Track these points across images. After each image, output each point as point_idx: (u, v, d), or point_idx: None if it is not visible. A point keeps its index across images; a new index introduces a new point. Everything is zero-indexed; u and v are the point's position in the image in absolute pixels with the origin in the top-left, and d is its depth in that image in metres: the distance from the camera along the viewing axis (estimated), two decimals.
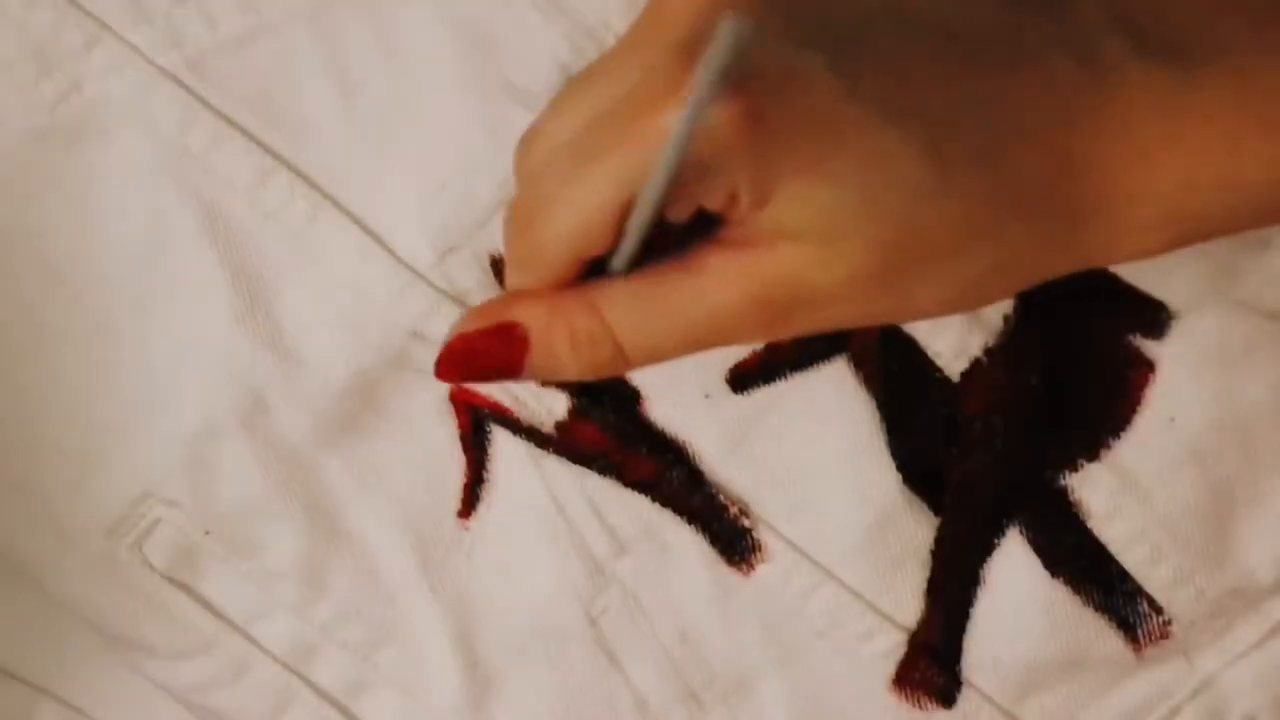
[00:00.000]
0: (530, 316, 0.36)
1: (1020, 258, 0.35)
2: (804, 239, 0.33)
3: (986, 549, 0.44)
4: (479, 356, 0.37)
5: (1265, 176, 0.34)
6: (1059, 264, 0.36)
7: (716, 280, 0.34)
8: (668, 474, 0.44)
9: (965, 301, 0.36)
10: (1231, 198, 0.35)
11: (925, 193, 0.33)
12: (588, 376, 0.36)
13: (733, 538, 0.44)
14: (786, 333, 0.35)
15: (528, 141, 0.36)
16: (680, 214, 0.34)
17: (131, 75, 0.42)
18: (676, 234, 0.35)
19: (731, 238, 0.34)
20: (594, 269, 0.36)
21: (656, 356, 0.36)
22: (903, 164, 0.33)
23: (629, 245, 0.34)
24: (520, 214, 0.36)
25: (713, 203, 0.34)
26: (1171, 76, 0.34)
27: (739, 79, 0.31)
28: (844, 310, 0.35)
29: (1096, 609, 0.44)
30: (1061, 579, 0.44)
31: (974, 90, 0.33)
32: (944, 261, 0.34)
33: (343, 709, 0.45)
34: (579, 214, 0.34)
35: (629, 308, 0.35)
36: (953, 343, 0.42)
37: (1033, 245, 0.35)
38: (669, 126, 0.31)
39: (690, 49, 0.32)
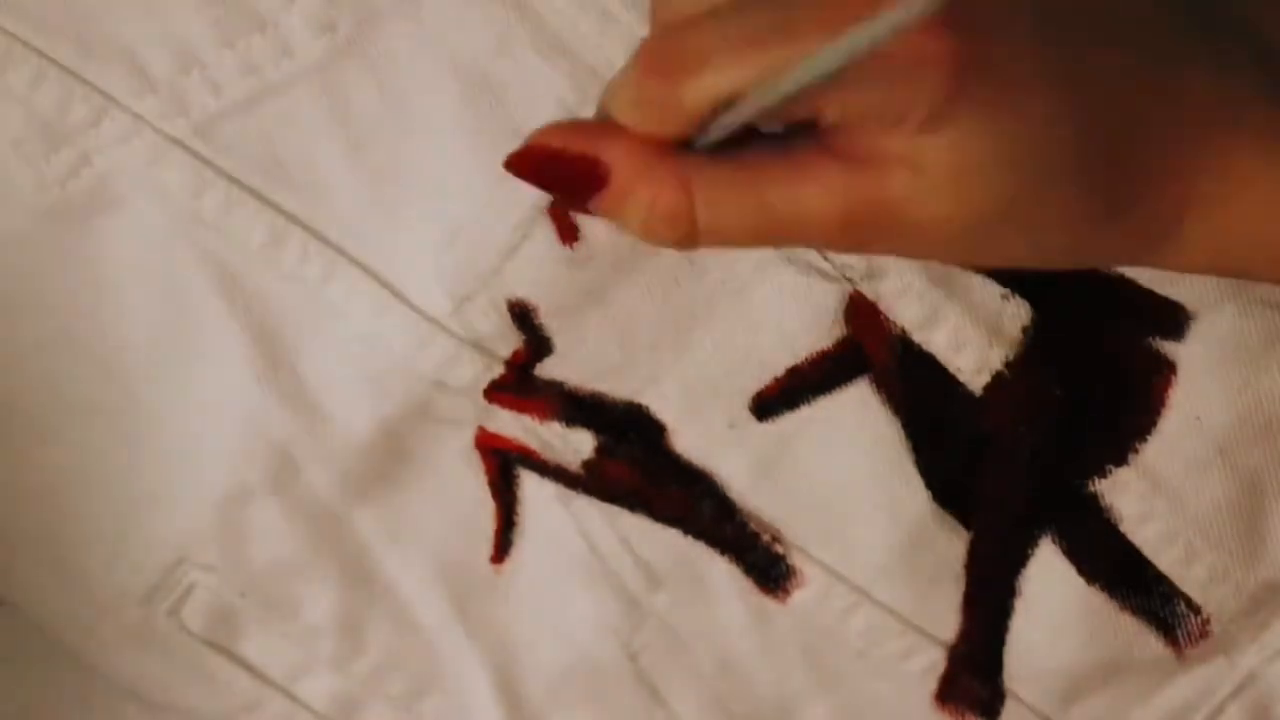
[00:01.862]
0: (621, 164, 0.34)
1: (1095, 245, 0.35)
2: (922, 173, 0.32)
3: (1020, 560, 0.44)
4: (554, 172, 0.35)
5: None
6: (1118, 259, 0.36)
7: (820, 187, 0.33)
8: (698, 506, 0.44)
9: (1022, 263, 0.36)
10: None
11: (1061, 169, 0.33)
12: (645, 240, 0.35)
13: (767, 565, 0.44)
14: (854, 250, 0.35)
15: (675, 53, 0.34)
16: (824, 115, 0.33)
17: (140, 145, 0.42)
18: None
19: (842, 147, 0.33)
20: None
21: (725, 244, 0.35)
22: (1059, 136, 0.33)
23: (741, 119, 0.33)
24: (662, 58, 0.33)
25: (870, 110, 0.32)
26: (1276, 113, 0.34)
27: (959, 9, 0.31)
28: (919, 246, 0.34)
29: (1134, 613, 0.44)
30: (1097, 585, 0.44)
31: (1130, 85, 0.33)
32: (1035, 231, 0.34)
33: None
34: (738, 84, 0.32)
35: (722, 194, 0.34)
36: (974, 358, 0.42)
37: (1110, 238, 0.35)
38: (871, 20, 0.29)
39: None
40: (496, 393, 0.43)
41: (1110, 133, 0.33)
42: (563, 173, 0.34)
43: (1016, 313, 0.42)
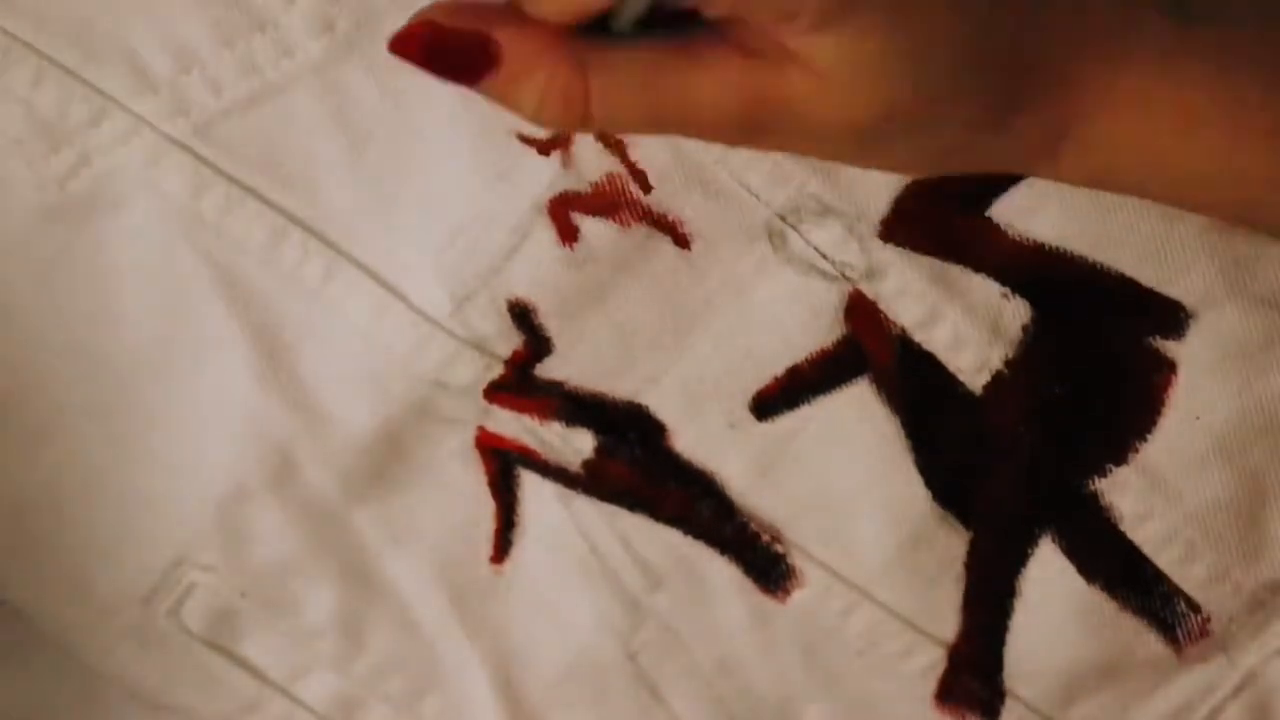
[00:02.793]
0: (512, 45, 0.33)
1: (983, 149, 0.35)
2: (819, 72, 0.32)
3: (1020, 559, 0.44)
4: (440, 52, 0.34)
5: (1204, 168, 0.35)
6: (1005, 165, 0.36)
7: (716, 80, 0.33)
8: (697, 506, 0.44)
9: (910, 168, 0.36)
10: (1169, 172, 0.35)
11: (955, 68, 0.33)
12: (535, 123, 0.34)
13: (766, 565, 0.44)
14: (747, 145, 0.35)
15: None
16: (717, 5, 0.33)
17: (140, 145, 0.42)
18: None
19: (741, 40, 0.33)
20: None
21: (620, 129, 0.35)
22: (955, 36, 0.33)
23: (642, 4, 0.33)
24: None
25: (763, 11, 0.32)
26: (1176, 34, 0.34)
27: None
28: (813, 145, 0.34)
29: (1134, 612, 0.44)
30: (1097, 584, 0.44)
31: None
32: (929, 133, 0.34)
33: None
34: None
35: (616, 77, 0.33)
36: (973, 357, 0.42)
37: (999, 142, 0.35)
38: None
39: None
40: (496, 393, 0.43)
41: (1006, 34, 0.33)
42: (451, 53, 0.34)
43: (1016, 312, 0.42)
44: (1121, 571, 0.44)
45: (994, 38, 0.33)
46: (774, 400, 0.43)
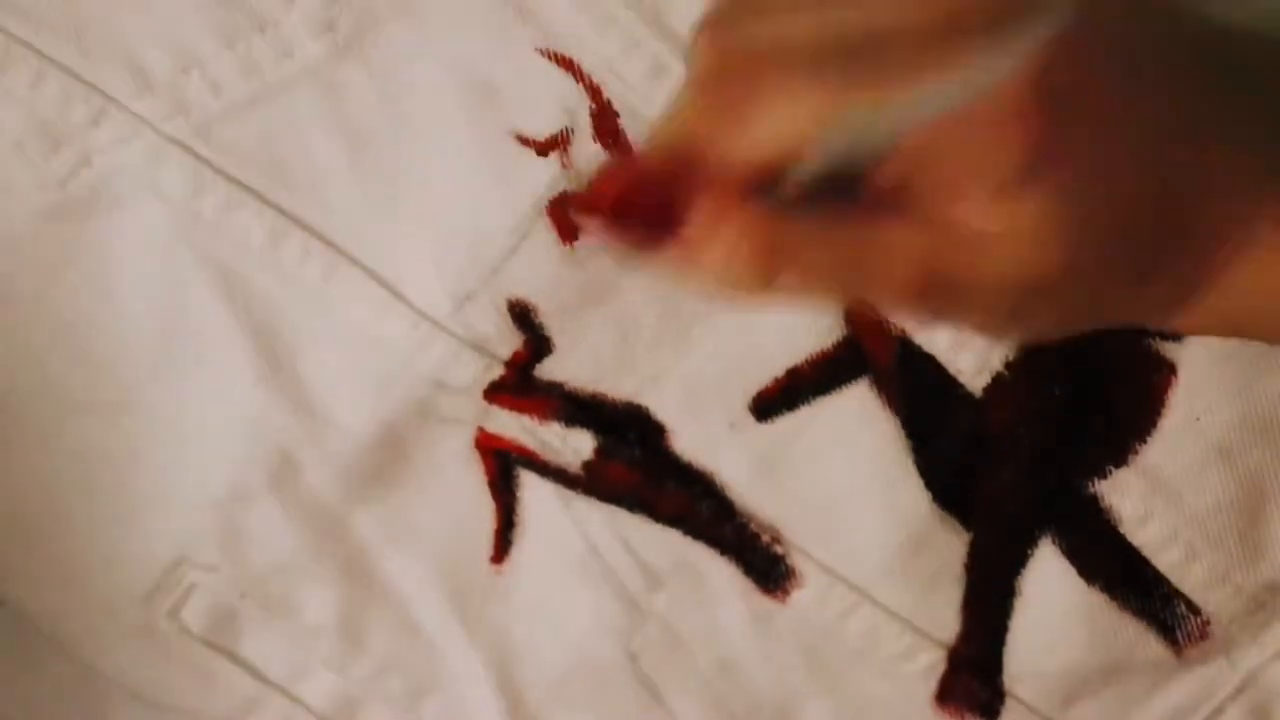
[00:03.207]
0: (699, 208, 0.32)
1: (1119, 307, 0.35)
2: (1002, 240, 0.32)
3: (1020, 560, 0.44)
4: (630, 220, 0.33)
5: None
6: (1135, 320, 0.36)
7: (898, 246, 0.32)
8: (697, 506, 0.44)
9: (1045, 332, 0.35)
10: None
11: (1109, 236, 0.33)
12: (718, 286, 0.33)
13: (766, 566, 0.44)
14: (917, 313, 0.34)
15: (733, 19, 0.32)
16: (894, 175, 0.32)
17: (140, 145, 0.42)
18: None
19: (925, 211, 0.33)
20: None
21: (797, 291, 0.33)
22: (1114, 207, 0.32)
23: (824, 169, 0.32)
24: (728, 81, 0.32)
25: (942, 178, 0.32)
26: None
27: (1041, 68, 0.30)
28: (971, 311, 0.34)
29: (1134, 614, 0.44)
30: (1097, 586, 0.44)
31: (1174, 152, 0.33)
32: (1073, 294, 0.34)
33: None
34: (803, 132, 0.31)
35: (806, 241, 0.32)
36: (974, 358, 0.42)
37: (1135, 300, 0.35)
38: (954, 76, 0.29)
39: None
40: (496, 393, 0.43)
41: (1153, 199, 0.33)
42: (641, 219, 0.32)
43: None
44: (1121, 573, 0.44)
45: (1143, 202, 0.33)
46: (774, 401, 0.43)
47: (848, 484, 0.43)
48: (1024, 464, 0.43)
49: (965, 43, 0.30)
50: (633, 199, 0.32)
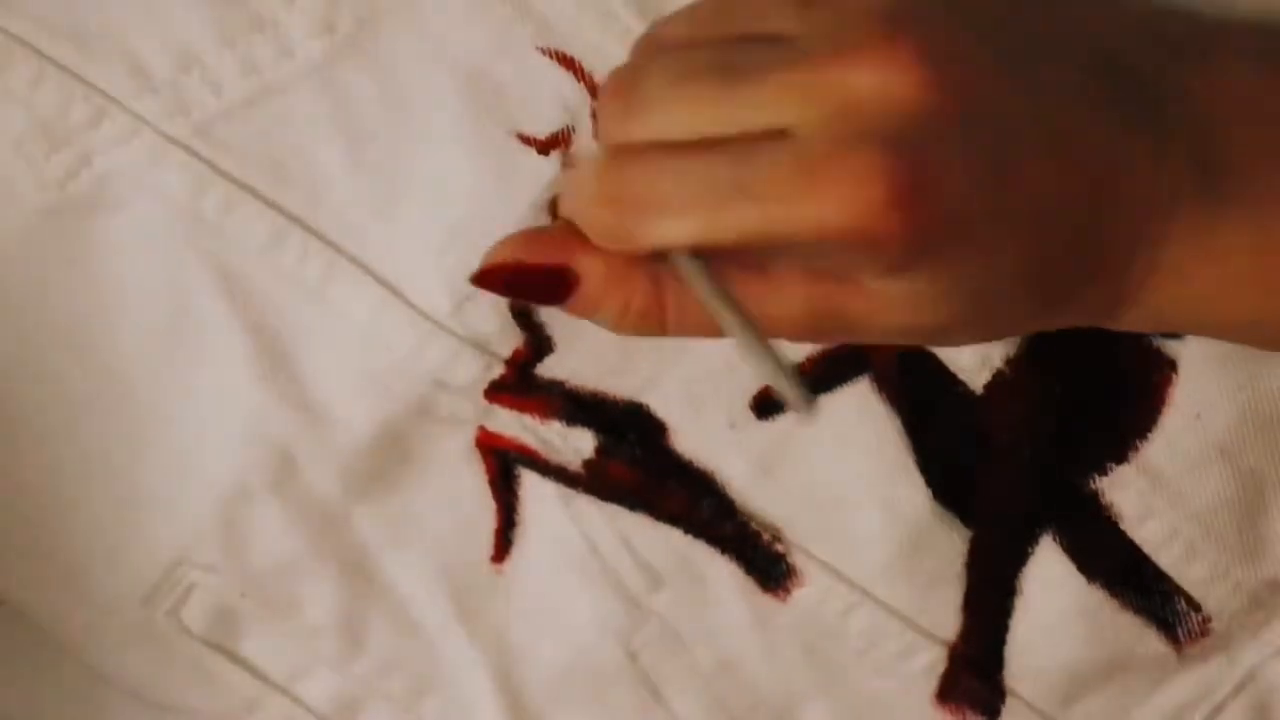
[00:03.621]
0: (591, 272, 0.35)
1: (1053, 323, 0.37)
2: (883, 302, 0.34)
3: (1021, 558, 0.44)
4: (523, 285, 0.36)
5: (1245, 318, 0.36)
6: (1078, 324, 0.37)
7: (787, 298, 0.34)
8: (698, 505, 0.44)
9: (980, 342, 0.39)
10: (1215, 324, 0.37)
11: (1005, 286, 0.34)
12: (617, 332, 0.36)
13: (767, 564, 0.44)
14: (813, 341, 0.38)
15: (633, 99, 0.34)
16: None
17: (140, 145, 0.42)
18: None
19: (811, 265, 0.34)
20: None
21: (693, 333, 0.36)
22: (1004, 263, 0.33)
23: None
24: (621, 192, 0.33)
25: (826, 269, 0.34)
26: (1209, 210, 0.35)
27: (906, 159, 0.31)
28: (888, 341, 0.36)
29: (1135, 611, 0.44)
30: (1098, 583, 0.44)
31: (1072, 193, 0.34)
32: (990, 328, 0.36)
33: None
34: (695, 238, 0.32)
35: (690, 297, 0.34)
36: (974, 356, 0.42)
37: (1069, 318, 0.36)
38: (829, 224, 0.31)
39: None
40: (497, 392, 0.43)
41: (1052, 245, 0.34)
42: (532, 284, 0.36)
43: None
44: (1122, 570, 0.44)
45: (1037, 251, 0.34)
46: (775, 400, 0.43)
47: (848, 482, 0.43)
48: (1024, 461, 0.43)
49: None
50: (526, 270, 0.35)
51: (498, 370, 0.43)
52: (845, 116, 0.31)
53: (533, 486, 0.44)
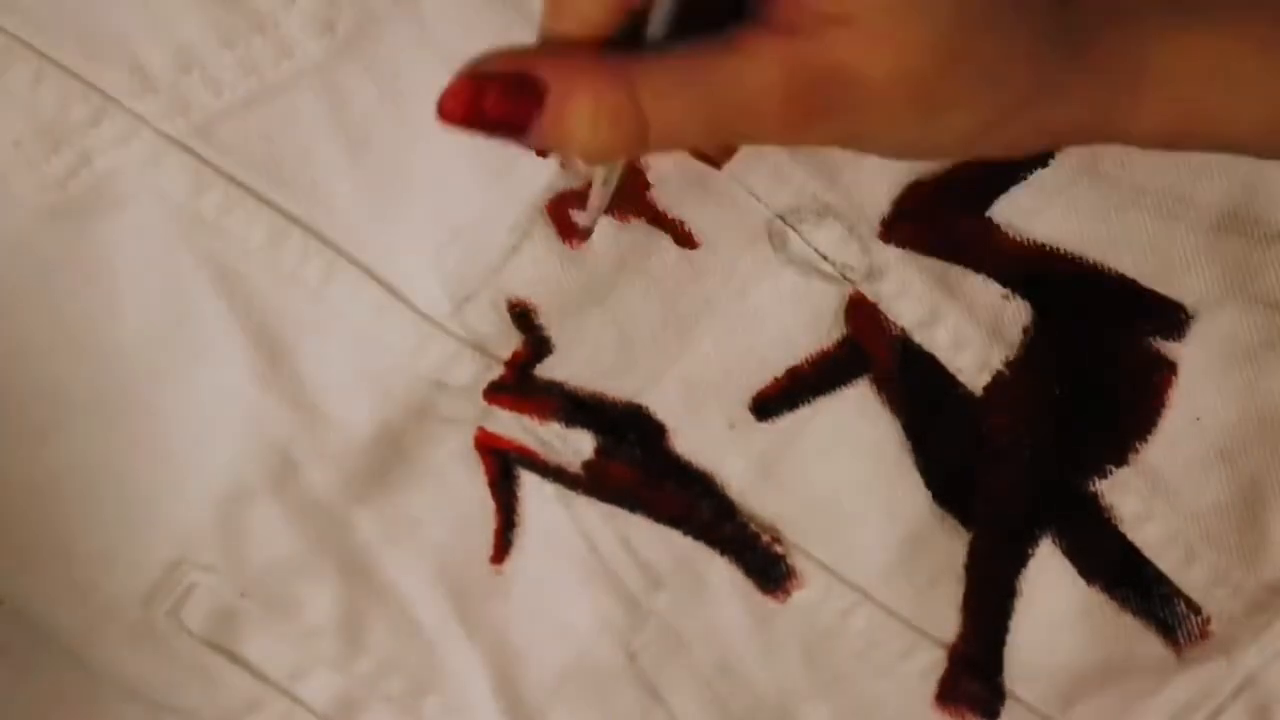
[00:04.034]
0: (553, 74, 0.32)
1: (1055, 108, 0.34)
2: (858, 24, 0.31)
3: (1020, 560, 0.44)
4: (486, 103, 0.33)
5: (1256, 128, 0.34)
6: (1095, 123, 0.35)
7: (759, 63, 0.32)
8: (697, 506, 0.44)
9: (984, 142, 0.34)
10: (1233, 112, 0.35)
11: (999, 14, 0.32)
12: (595, 158, 0.33)
13: (766, 566, 0.44)
14: (812, 132, 0.33)
15: None
16: None
17: (140, 145, 0.42)
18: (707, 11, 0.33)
19: (778, 20, 0.32)
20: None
21: (677, 141, 0.33)
22: None
23: (672, 5, 0.32)
24: None
25: None
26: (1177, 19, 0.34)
27: None
28: (875, 118, 0.33)
29: (1134, 613, 0.44)
30: (1097, 585, 0.44)
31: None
32: (985, 87, 0.33)
33: None
34: None
35: (664, 84, 0.32)
36: (974, 358, 0.42)
37: (1080, 89, 0.34)
38: None
39: None
40: (496, 393, 0.43)
41: None
42: (496, 99, 0.33)
43: (1017, 312, 0.42)
44: (1121, 572, 0.44)
45: None
46: (774, 401, 0.43)
47: (848, 483, 0.43)
48: (1024, 463, 0.43)
49: None
50: (488, 81, 0.33)
51: (497, 371, 0.43)
52: None
53: (532, 487, 0.44)
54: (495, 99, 0.33)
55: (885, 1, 0.31)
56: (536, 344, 0.43)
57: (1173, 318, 0.42)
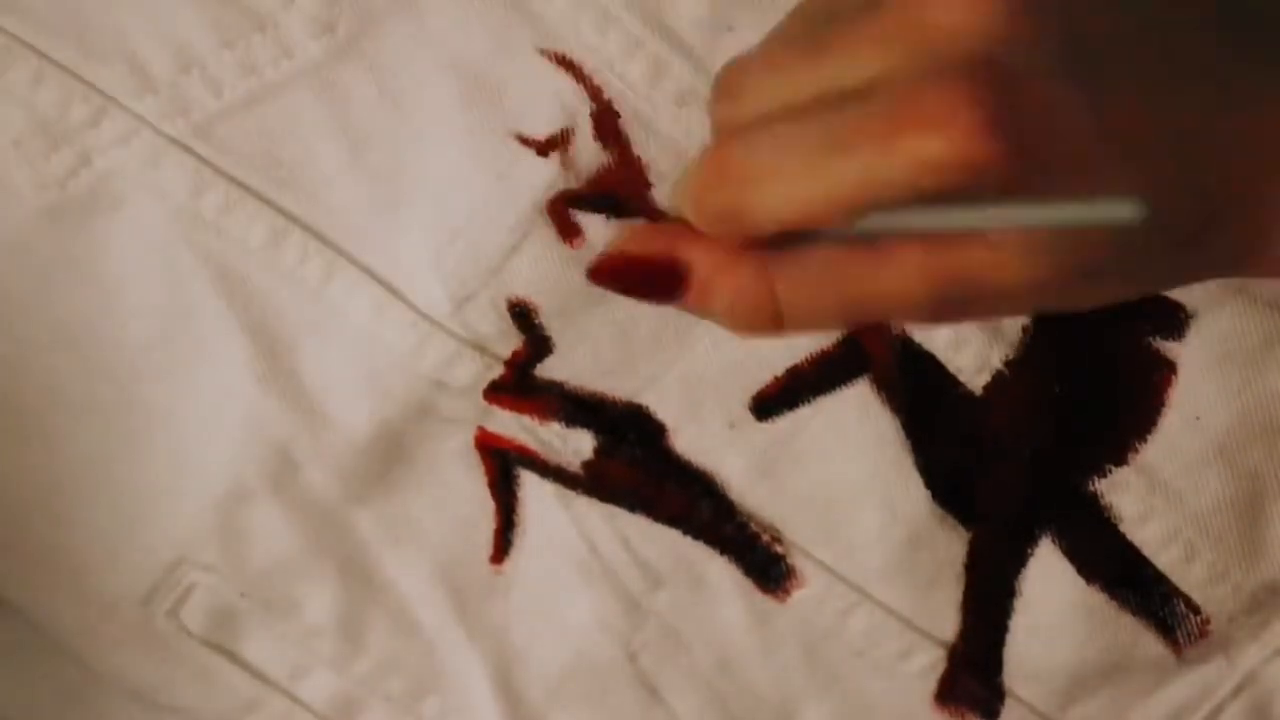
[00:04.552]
0: (699, 263, 0.34)
1: (1180, 274, 0.35)
2: (1004, 248, 0.32)
3: (1020, 559, 0.44)
4: (636, 279, 0.35)
5: None
6: (1207, 278, 0.36)
7: (901, 271, 0.32)
8: (697, 506, 0.44)
9: (1120, 296, 0.35)
10: None
11: (1133, 225, 0.32)
12: (734, 331, 0.35)
13: (766, 565, 0.44)
14: (949, 322, 0.36)
15: (734, 86, 0.34)
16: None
17: (140, 145, 0.42)
18: None
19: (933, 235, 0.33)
20: None
21: (811, 328, 0.35)
22: (1122, 193, 0.31)
23: (844, 235, 0.33)
24: (724, 171, 0.33)
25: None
26: None
27: (1008, 113, 0.30)
28: (1014, 307, 0.34)
29: (1134, 613, 0.44)
30: (1097, 585, 0.44)
31: (1198, 118, 0.33)
32: (1119, 274, 0.34)
33: None
34: (803, 205, 0.32)
35: (803, 285, 0.34)
36: (974, 357, 0.42)
37: (1193, 268, 0.35)
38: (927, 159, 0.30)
39: (962, 82, 0.30)
40: (496, 393, 0.43)
41: (1171, 177, 0.33)
42: (646, 277, 0.35)
43: None
44: (1121, 572, 0.44)
45: (1166, 185, 0.32)
46: (774, 400, 0.43)
47: (848, 483, 0.43)
48: (1024, 463, 0.43)
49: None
50: (639, 262, 0.35)
51: (497, 371, 0.43)
52: (933, 54, 0.31)
53: (532, 487, 0.44)
54: (643, 281, 0.35)
55: (1023, 234, 0.32)
56: (537, 344, 0.43)
57: (1172, 317, 0.42)
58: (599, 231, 0.42)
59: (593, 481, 0.44)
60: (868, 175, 0.31)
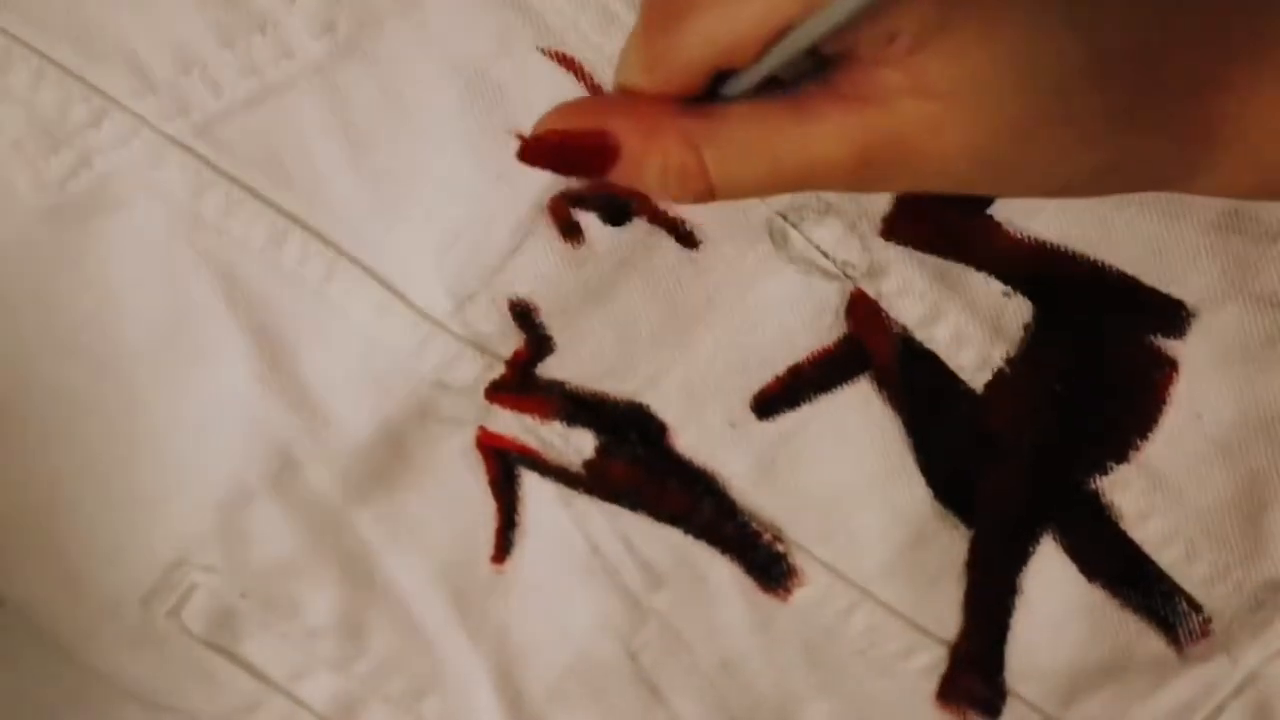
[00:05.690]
0: (625, 133, 0.34)
1: (1137, 164, 0.34)
2: (928, 100, 0.32)
3: (1021, 558, 0.44)
4: (567, 154, 0.35)
5: None
6: (1167, 180, 0.34)
7: (827, 130, 0.33)
8: (699, 505, 0.44)
9: (1062, 192, 0.34)
10: None
11: (1074, 78, 0.32)
12: (670, 199, 0.35)
13: (768, 564, 0.44)
14: (874, 189, 0.34)
15: None
16: (827, 47, 0.32)
17: (140, 146, 0.42)
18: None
19: (848, 87, 0.33)
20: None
21: (742, 193, 0.34)
22: (1062, 43, 0.31)
23: (760, 72, 0.33)
24: (659, 8, 0.33)
25: (865, 40, 0.32)
26: None
27: None
28: (939, 183, 0.33)
29: (1135, 611, 0.44)
30: (1098, 583, 0.44)
31: (1151, 11, 0.32)
32: (1063, 151, 0.33)
33: None
34: (734, 27, 0.32)
35: (728, 147, 0.33)
36: (975, 355, 0.42)
37: (1154, 155, 0.34)
38: None
39: None
40: (497, 393, 0.43)
41: (1131, 48, 0.32)
42: (574, 153, 0.35)
43: (1018, 310, 0.42)
44: (1123, 570, 0.44)
45: (1113, 47, 0.32)
46: (775, 399, 0.43)
47: (849, 482, 0.43)
48: (1025, 461, 0.43)
49: None
50: (566, 138, 0.35)
51: (498, 370, 0.43)
52: None
53: (533, 487, 0.44)
54: (574, 152, 0.35)
55: (956, 81, 0.31)
56: (537, 343, 0.43)
57: (1174, 315, 0.42)
58: (599, 231, 0.42)
59: (594, 481, 0.44)
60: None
